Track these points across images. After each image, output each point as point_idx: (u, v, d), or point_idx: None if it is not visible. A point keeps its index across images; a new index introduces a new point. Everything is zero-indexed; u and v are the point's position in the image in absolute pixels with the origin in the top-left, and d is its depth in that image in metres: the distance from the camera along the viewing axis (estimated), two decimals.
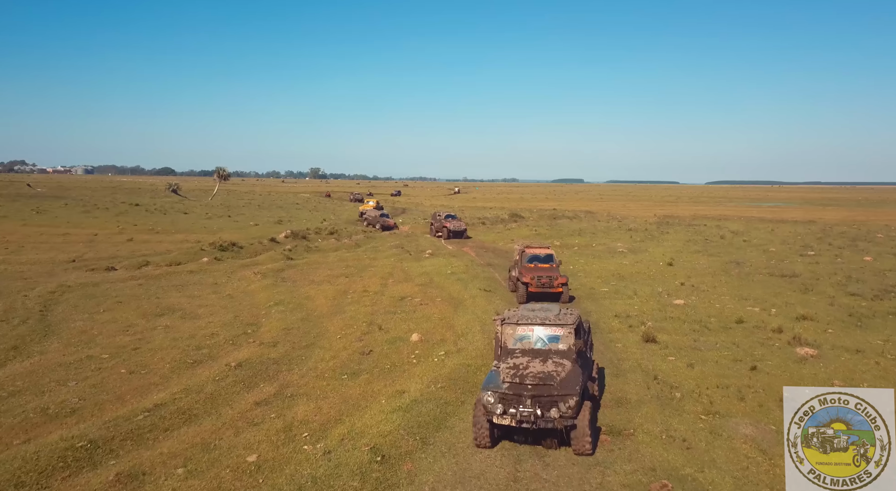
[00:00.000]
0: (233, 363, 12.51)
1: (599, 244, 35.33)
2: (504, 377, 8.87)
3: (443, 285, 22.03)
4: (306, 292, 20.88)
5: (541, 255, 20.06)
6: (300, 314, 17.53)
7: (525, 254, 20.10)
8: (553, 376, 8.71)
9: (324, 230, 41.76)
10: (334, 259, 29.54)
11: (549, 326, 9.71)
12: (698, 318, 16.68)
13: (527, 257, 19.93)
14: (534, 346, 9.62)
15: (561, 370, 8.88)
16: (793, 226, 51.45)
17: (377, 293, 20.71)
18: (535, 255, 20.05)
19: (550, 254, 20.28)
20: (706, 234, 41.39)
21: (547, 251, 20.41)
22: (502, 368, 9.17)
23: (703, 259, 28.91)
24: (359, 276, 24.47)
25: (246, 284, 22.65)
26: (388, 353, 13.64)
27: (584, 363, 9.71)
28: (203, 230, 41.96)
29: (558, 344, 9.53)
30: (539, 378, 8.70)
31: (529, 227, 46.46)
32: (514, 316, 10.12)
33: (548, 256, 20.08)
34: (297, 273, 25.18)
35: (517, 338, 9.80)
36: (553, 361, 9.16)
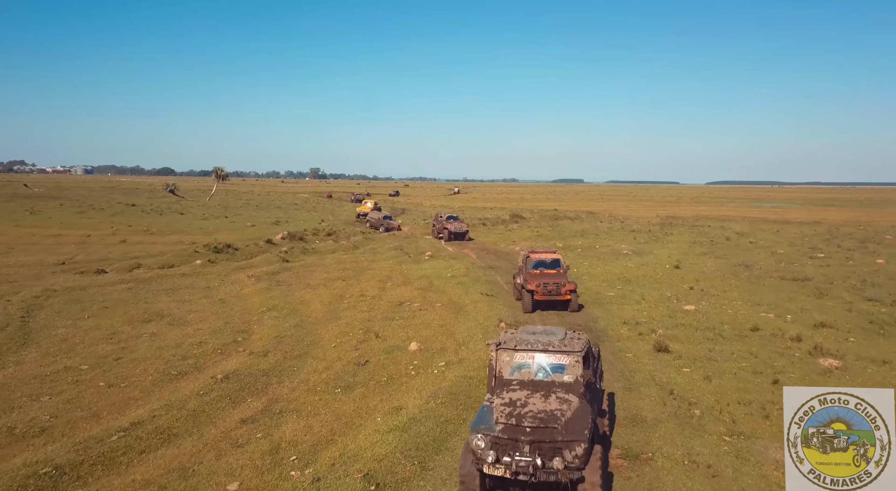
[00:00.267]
0: (219, 375, 11.73)
1: (603, 246, 34.55)
2: (498, 416, 7.48)
3: (443, 289, 21.25)
4: (301, 297, 20.11)
5: (546, 260, 18.85)
6: (294, 320, 16.74)
7: (530, 259, 18.89)
8: (557, 417, 7.36)
9: (321, 231, 40.99)
10: (331, 261, 28.76)
11: (553, 352, 8.18)
12: (711, 325, 15.89)
13: (532, 263, 18.69)
14: (534, 376, 8.14)
15: (566, 409, 7.50)
16: (798, 227, 50.68)
17: (375, 298, 19.94)
18: (540, 260, 18.84)
19: (557, 259, 19.05)
20: (711, 236, 40.62)
21: (553, 256, 19.20)
22: (496, 403, 7.74)
23: (710, 261, 28.13)
24: (356, 279, 23.70)
25: (239, 287, 21.87)
26: (384, 363, 12.86)
27: (594, 397, 8.37)
28: (199, 231, 41.18)
29: (563, 375, 8.05)
30: (540, 419, 7.34)
31: (531, 228, 45.69)
32: (512, 340, 8.51)
33: (554, 261, 18.84)
34: (292, 276, 24.41)
35: (515, 366, 8.26)
36: (557, 396, 7.76)
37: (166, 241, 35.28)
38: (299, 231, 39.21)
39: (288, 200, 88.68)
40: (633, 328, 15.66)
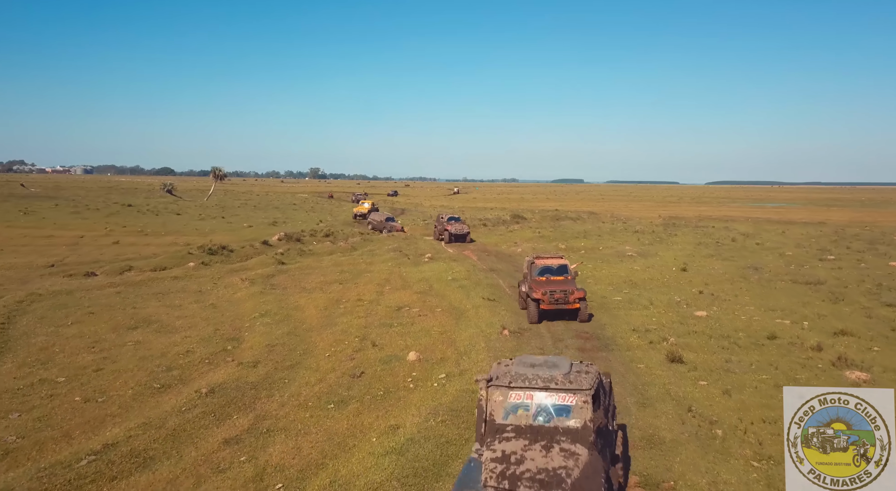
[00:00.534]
0: (205, 389, 10.96)
1: (607, 247, 33.79)
2: (487, 476, 6.06)
3: (443, 293, 20.49)
4: (296, 301, 19.34)
5: (553, 266, 17.54)
6: (287, 327, 15.97)
7: (535, 265, 17.61)
8: (561, 477, 5.95)
9: (319, 232, 40.22)
10: (328, 263, 27.99)
11: (556, 391, 6.56)
12: (725, 332, 15.13)
13: (537, 269, 17.41)
14: (533, 421, 6.51)
15: (573, 465, 6.05)
16: (803, 228, 49.93)
17: (372, 302, 19.17)
18: (546, 266, 17.53)
19: (564, 264, 17.75)
20: (716, 237, 39.86)
21: (560, 261, 17.86)
22: (486, 458, 6.24)
23: (717, 264, 27.36)
24: (353, 282, 22.94)
25: (232, 291, 21.11)
26: (381, 375, 12.10)
27: (606, 443, 6.82)
28: (194, 232, 40.42)
29: (568, 419, 6.44)
30: (540, 481, 5.96)
31: (532, 229, 44.92)
32: (505, 375, 6.83)
33: (561, 267, 17.56)
34: (287, 279, 23.64)
35: (509, 408, 6.61)
36: (561, 447, 6.25)
37: (160, 243, 34.49)
38: (296, 232, 38.44)
39: (286, 201, 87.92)
40: (643, 336, 14.89)
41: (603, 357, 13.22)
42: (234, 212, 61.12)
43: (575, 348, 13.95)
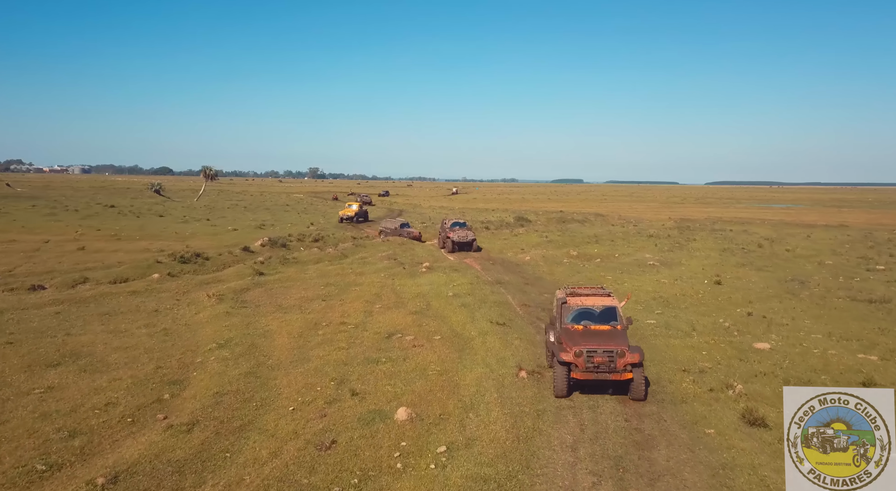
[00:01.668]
0: (102, 479, 7.73)
1: (623, 254, 30.61)
2: None
3: (443, 314, 17.32)
4: (266, 325, 16.15)
5: (594, 309, 11.77)
6: (247, 364, 12.76)
7: (567, 306, 11.82)
8: None
9: (308, 237, 36.94)
10: (313, 274, 24.78)
11: None
12: (801, 374, 11.93)
13: (571, 313, 11.72)
14: None
15: None
16: (827, 231, 46.81)
17: (358, 327, 15.98)
18: (584, 309, 11.76)
19: (612, 307, 11.75)
20: (738, 242, 36.71)
21: (605, 301, 11.89)
22: None
23: (752, 275, 24.20)
24: (339, 298, 19.75)
25: (194, 311, 17.91)
26: (358, 446, 8.89)
27: None
28: (173, 237, 37.20)
29: None
30: None
31: (538, 233, 41.74)
32: None
33: (607, 310, 11.72)
34: (263, 294, 20.44)
35: None
36: None
37: (131, 249, 31.25)
38: (282, 237, 35.22)
39: (280, 201, 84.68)
40: (697, 379, 11.68)
41: (653, 413, 10.03)
42: (222, 213, 57.87)
43: (615, 401, 10.75)
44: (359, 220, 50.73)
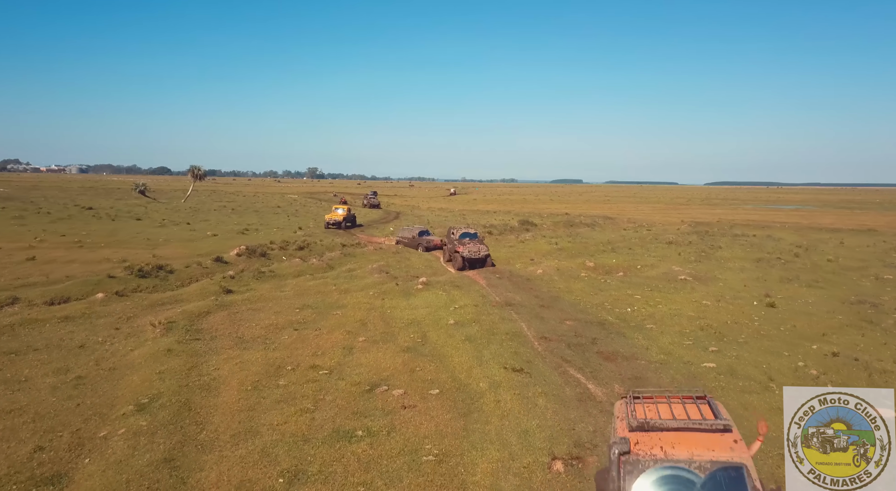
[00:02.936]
0: None
1: (646, 265, 26.98)
2: None
3: (442, 351, 13.69)
4: (215, 370, 12.49)
5: (693, 471, 4.99)
6: (168, 442, 9.09)
7: (637, 462, 5.09)
8: None
9: (292, 244, 33.27)
10: (291, 292, 21.14)
11: None
12: None
13: (648, 479, 5.03)
14: None
15: None
16: (857, 237, 43.21)
17: (332, 372, 12.33)
18: (673, 470, 5.02)
19: (732, 467, 4.95)
20: (768, 250, 33.10)
21: (716, 447, 5.10)
22: None
23: (806, 294, 20.59)
24: (315, 326, 16.13)
25: (131, 346, 14.25)
26: None
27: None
28: (143, 243, 33.53)
29: None
30: None
31: (546, 239, 38.09)
32: None
33: (723, 477, 4.95)
34: (224, 321, 16.78)
35: None
36: None
37: (90, 259, 27.57)
38: (263, 244, 31.56)
39: (272, 203, 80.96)
40: None
41: None
42: (206, 216, 54.15)
43: None
44: (347, 225, 46.68)
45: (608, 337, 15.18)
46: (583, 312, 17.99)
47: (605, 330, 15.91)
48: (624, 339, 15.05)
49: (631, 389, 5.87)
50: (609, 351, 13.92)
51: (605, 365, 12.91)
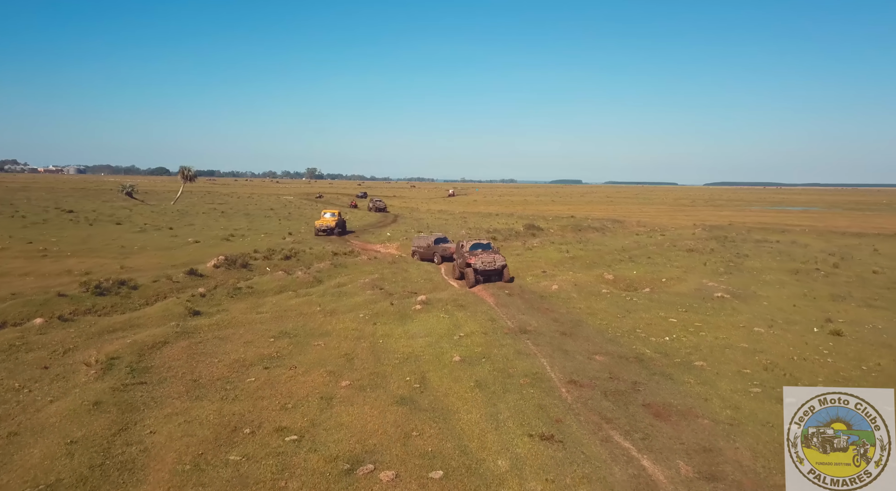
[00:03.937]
0: None
1: (672, 278, 23.99)
2: None
3: (446, 405, 10.72)
4: (149, 434, 9.51)
5: None
6: None
7: None
8: None
9: (279, 252, 30.23)
10: (268, 313, 18.15)
11: None
12: None
13: None
14: None
15: None
16: (889, 242, 40.33)
17: (302, 439, 9.35)
18: None
19: None
20: (799, 258, 30.17)
21: None
22: None
23: (870, 317, 17.64)
24: (291, 362, 13.17)
25: (53, 394, 11.28)
26: None
27: None
28: (115, 252, 30.52)
29: None
30: None
31: (556, 246, 35.10)
32: None
33: None
34: (181, 356, 13.78)
35: None
36: None
37: (48, 271, 24.56)
38: (246, 253, 28.55)
39: (265, 205, 78.02)
40: None
41: None
42: (192, 220, 51.11)
43: None
44: (338, 232, 43.33)
45: (652, 380, 12.20)
46: (613, 343, 15.01)
47: (645, 369, 12.92)
48: (672, 383, 12.07)
49: None
50: (658, 403, 10.94)
51: (657, 426, 9.94)
